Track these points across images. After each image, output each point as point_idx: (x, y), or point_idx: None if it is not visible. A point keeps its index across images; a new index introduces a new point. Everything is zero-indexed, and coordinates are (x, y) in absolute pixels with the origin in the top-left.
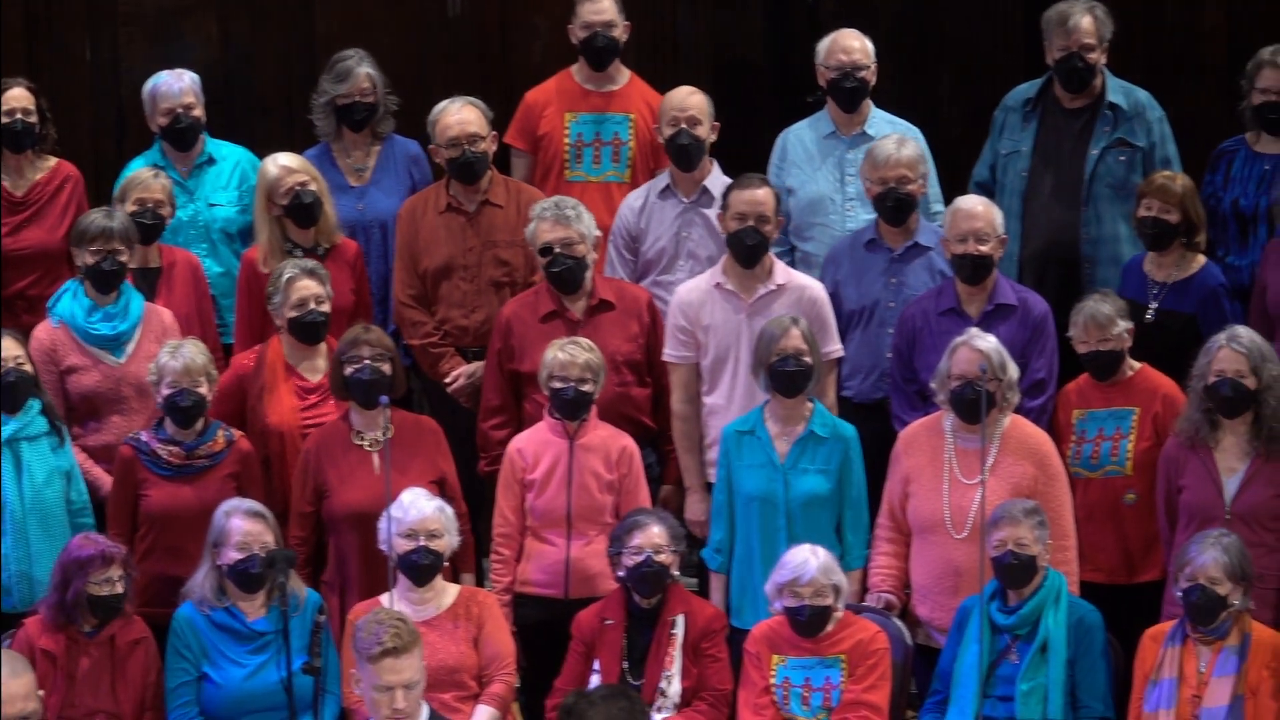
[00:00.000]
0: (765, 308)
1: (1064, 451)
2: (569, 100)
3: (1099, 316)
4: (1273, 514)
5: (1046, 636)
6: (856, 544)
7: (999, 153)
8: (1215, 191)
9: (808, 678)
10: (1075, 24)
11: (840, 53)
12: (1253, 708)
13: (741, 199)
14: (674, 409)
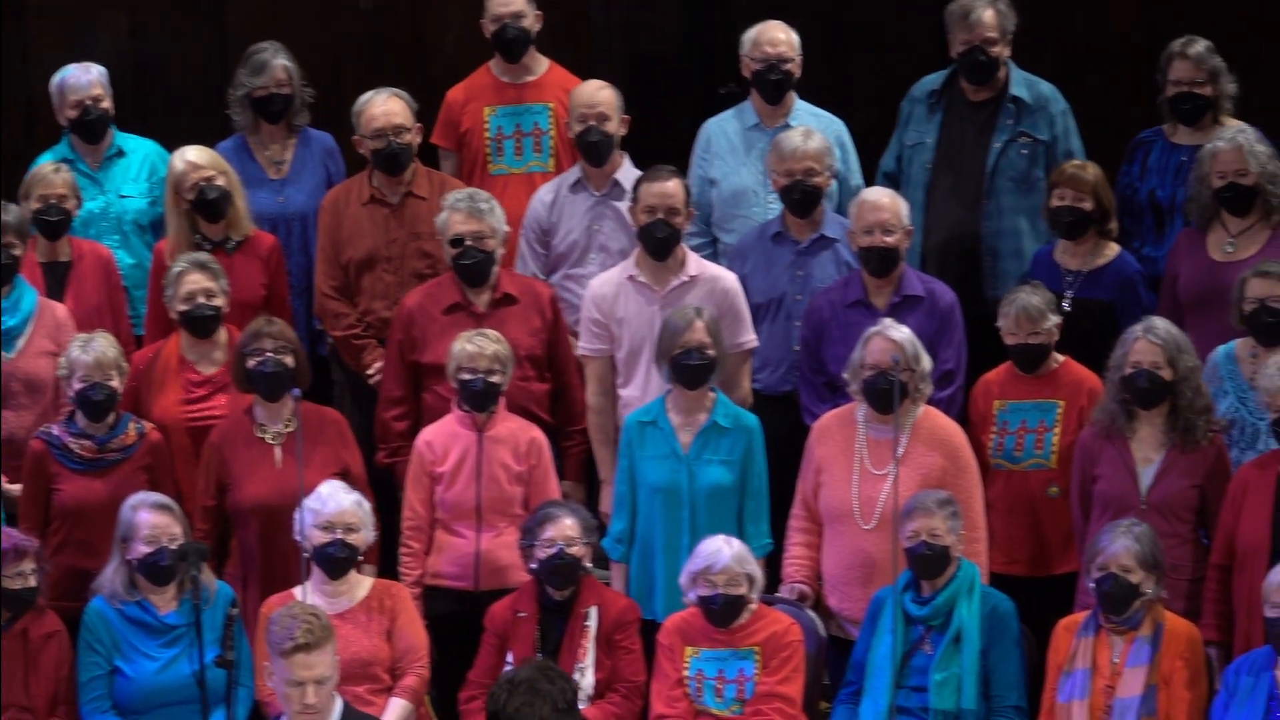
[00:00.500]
0: (678, 299)
1: (984, 442)
2: (487, 94)
3: (1031, 309)
4: (1187, 505)
5: (960, 627)
6: (758, 534)
7: (904, 144)
8: (1132, 182)
9: (721, 670)
10: (977, 18)
11: (766, 45)
12: (1165, 697)
13: (651, 192)
14: (589, 402)
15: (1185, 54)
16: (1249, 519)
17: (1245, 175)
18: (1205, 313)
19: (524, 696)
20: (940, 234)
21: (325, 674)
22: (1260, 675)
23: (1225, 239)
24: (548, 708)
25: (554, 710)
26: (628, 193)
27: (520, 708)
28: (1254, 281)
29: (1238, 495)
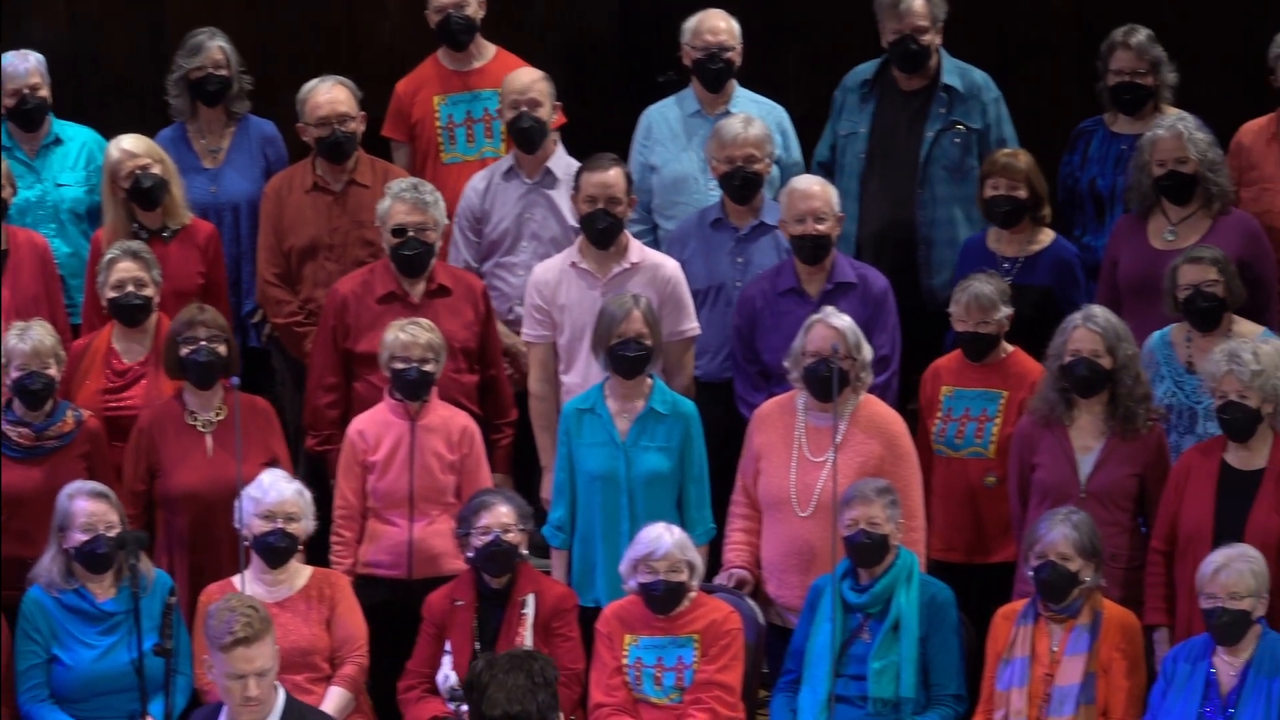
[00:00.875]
0: (620, 286)
1: (929, 427)
2: (436, 84)
3: (983, 298)
4: (1127, 493)
5: (898, 615)
6: (701, 521)
7: (838, 134)
8: (1073, 171)
9: (660, 657)
10: (907, 6)
11: (707, 33)
12: (1104, 685)
13: (591, 181)
14: (531, 389)
15: (1127, 43)
16: (1191, 505)
17: (1185, 163)
18: (1145, 300)
19: (502, 666)
20: (875, 223)
21: (266, 666)
22: (1197, 663)
23: (1166, 227)
24: (523, 677)
25: (529, 681)
26: (560, 180)
27: (497, 674)
28: (1186, 268)
29: (1180, 481)
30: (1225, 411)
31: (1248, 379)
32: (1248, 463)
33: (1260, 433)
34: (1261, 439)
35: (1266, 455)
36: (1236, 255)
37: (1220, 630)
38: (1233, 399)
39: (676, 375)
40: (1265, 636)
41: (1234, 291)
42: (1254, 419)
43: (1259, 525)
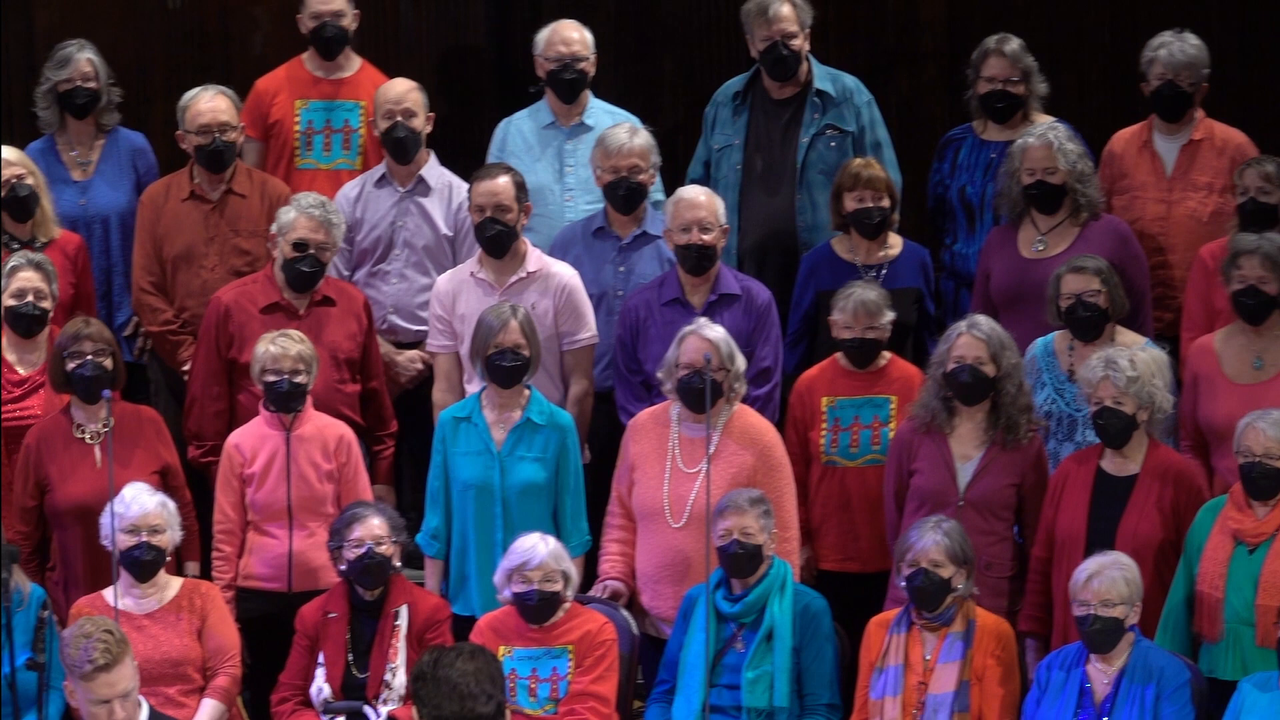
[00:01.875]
0: (519, 294)
1: (814, 438)
2: (299, 87)
3: (869, 304)
4: (1005, 503)
5: (772, 625)
6: (577, 531)
7: (712, 148)
8: (942, 180)
9: (535, 668)
10: (775, 12)
11: (560, 44)
12: (978, 693)
13: (480, 190)
14: (435, 399)
15: (1001, 51)
16: (1066, 511)
17: (1054, 173)
18: (1018, 310)
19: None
20: (755, 233)
21: (128, 687)
22: (1071, 671)
23: (1035, 236)
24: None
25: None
26: (432, 189)
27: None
28: (1068, 277)
29: (1058, 488)
30: (1101, 417)
31: (1124, 385)
32: (1122, 469)
33: (1135, 439)
34: (1136, 446)
35: (1140, 462)
36: (1107, 260)
37: (1092, 638)
38: (1108, 405)
39: (577, 382)
40: (1138, 644)
41: (1116, 301)
42: (1129, 425)
43: (1130, 531)
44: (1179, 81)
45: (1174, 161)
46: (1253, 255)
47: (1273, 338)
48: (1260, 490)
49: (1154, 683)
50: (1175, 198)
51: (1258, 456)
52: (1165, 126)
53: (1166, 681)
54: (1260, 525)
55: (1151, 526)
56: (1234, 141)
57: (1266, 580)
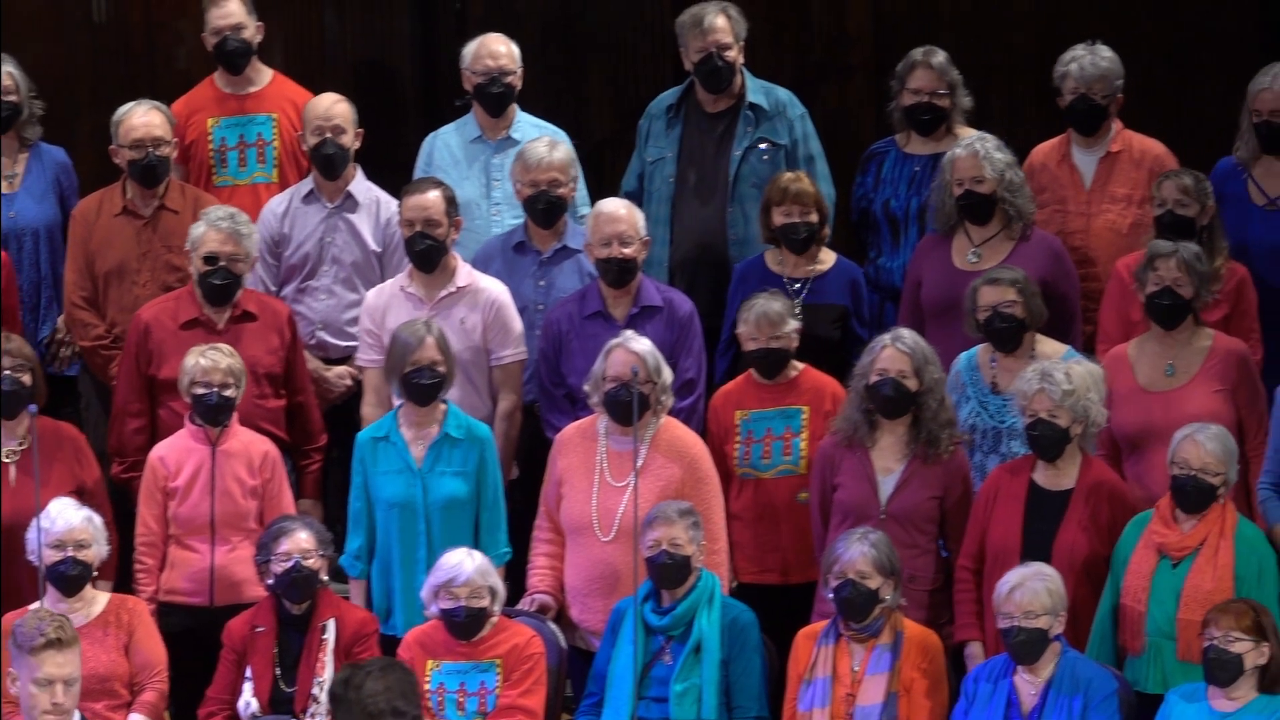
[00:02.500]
0: (448, 309)
1: (730, 452)
2: (211, 106)
3: (771, 314)
4: (927, 516)
5: (700, 637)
6: (494, 545)
7: (646, 160)
8: (866, 193)
9: (463, 683)
10: (710, 24)
11: (487, 58)
12: (906, 705)
13: (410, 205)
14: (364, 413)
15: (928, 63)
16: (999, 524)
17: (982, 183)
18: (948, 321)
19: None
20: (687, 246)
21: (74, 675)
22: (999, 682)
23: (969, 248)
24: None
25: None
26: (360, 205)
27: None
28: (985, 289)
29: (989, 499)
30: (1035, 429)
31: (1059, 398)
32: (1055, 483)
33: (1069, 453)
34: (1070, 459)
35: (1075, 476)
36: (1040, 275)
37: (1017, 649)
38: (1043, 417)
39: (506, 398)
40: (1065, 655)
41: (1033, 312)
42: (1063, 438)
43: (1066, 546)
44: (1092, 94)
45: (1093, 174)
46: (1169, 258)
47: (1184, 345)
48: (1190, 504)
49: (1081, 693)
50: (1095, 210)
51: (1194, 470)
52: (1082, 140)
53: (1094, 692)
54: (1184, 539)
55: (1087, 542)
56: (1152, 153)
57: (1188, 595)
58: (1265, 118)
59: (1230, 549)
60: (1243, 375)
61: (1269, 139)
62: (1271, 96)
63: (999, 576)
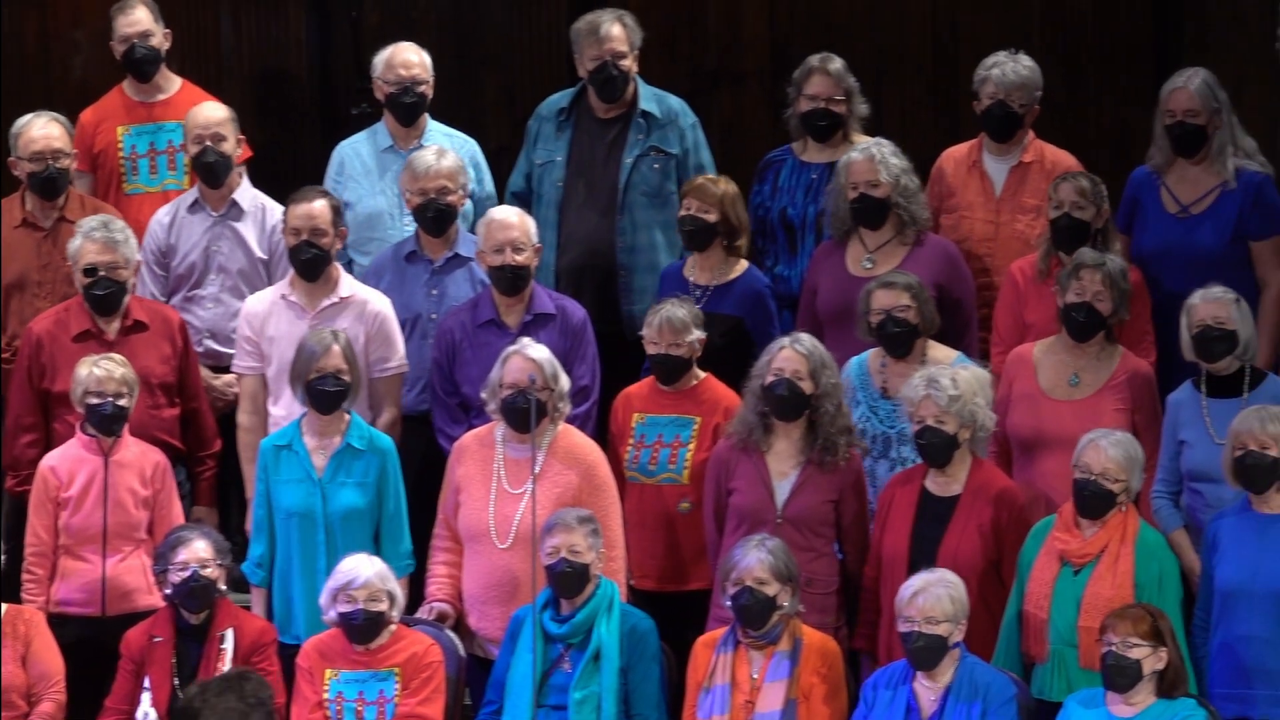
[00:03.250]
0: (330, 320)
1: (622, 454)
2: (120, 114)
3: (675, 321)
4: (823, 520)
5: (599, 645)
6: (397, 556)
7: (534, 163)
8: (763, 201)
9: (361, 691)
10: (606, 32)
11: (400, 67)
12: (805, 712)
13: (296, 214)
14: (240, 420)
15: (825, 70)
16: (891, 532)
17: (877, 187)
18: (844, 327)
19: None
20: (574, 251)
21: None
22: (898, 688)
23: (864, 254)
24: (234, 699)
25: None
26: (246, 212)
27: (209, 698)
28: (879, 293)
29: (884, 508)
30: (922, 436)
31: (945, 404)
32: (945, 489)
33: (957, 458)
34: (959, 465)
35: (963, 481)
36: (935, 281)
37: (916, 654)
38: (930, 424)
39: (385, 411)
40: (964, 661)
41: (927, 317)
42: (951, 444)
43: (950, 552)
44: (1010, 102)
45: (1003, 182)
46: (1095, 271)
47: (1092, 357)
48: (1091, 508)
49: (980, 699)
50: (1003, 219)
51: (1094, 475)
52: (995, 147)
53: (992, 698)
54: (1085, 546)
55: (971, 547)
56: (1063, 164)
57: (1089, 602)
58: (1179, 119)
59: (1131, 556)
60: (1145, 397)
61: (1182, 141)
62: (1185, 97)
63: (891, 584)
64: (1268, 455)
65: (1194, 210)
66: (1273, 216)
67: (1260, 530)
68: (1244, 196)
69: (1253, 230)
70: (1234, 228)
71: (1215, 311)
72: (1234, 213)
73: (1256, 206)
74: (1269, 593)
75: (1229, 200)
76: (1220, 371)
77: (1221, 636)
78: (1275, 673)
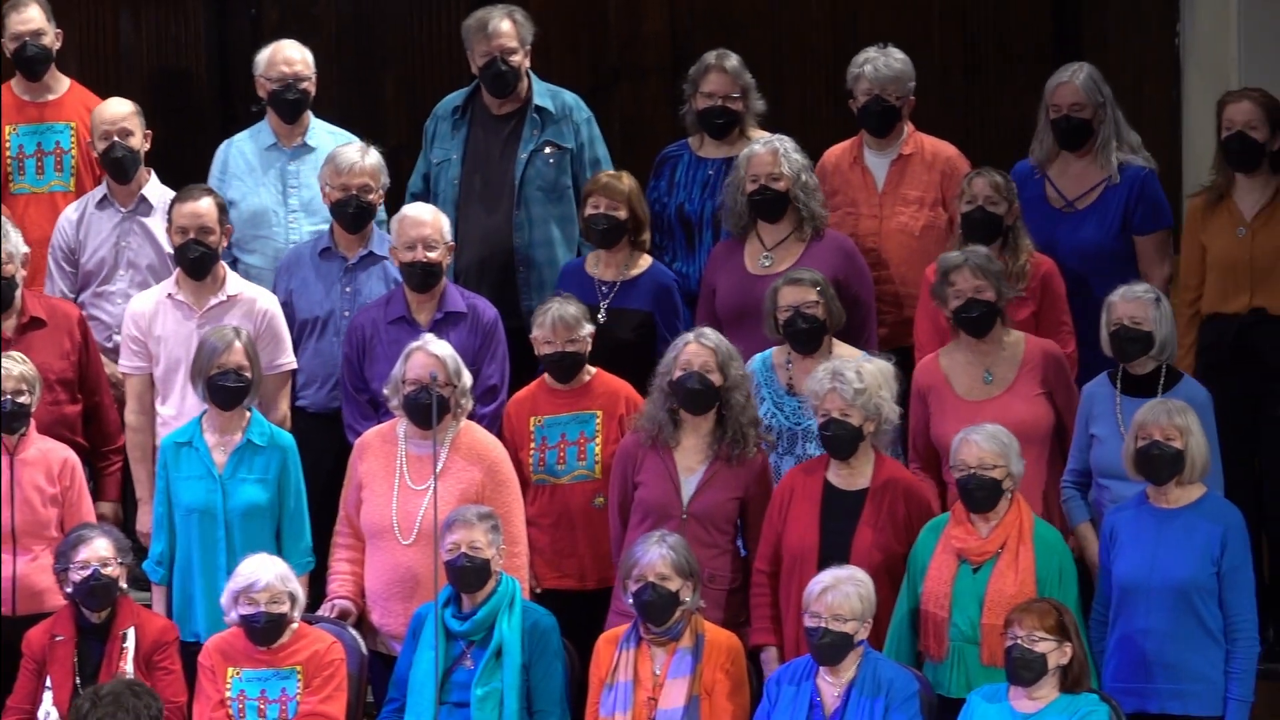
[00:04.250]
0: (217, 319)
1: (524, 459)
2: (10, 113)
3: (566, 317)
4: (727, 516)
5: (501, 642)
6: (298, 553)
7: (432, 163)
8: (660, 197)
9: (264, 689)
10: (495, 28)
11: (282, 64)
12: (708, 708)
13: (182, 212)
14: (128, 420)
15: (721, 66)
16: (795, 525)
17: (778, 180)
18: (744, 325)
19: (106, 708)
20: (473, 249)
21: None
22: (801, 684)
23: (761, 251)
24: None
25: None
26: (155, 208)
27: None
28: (786, 289)
29: (784, 501)
30: (828, 429)
31: (850, 397)
32: (850, 482)
33: (862, 451)
34: (864, 458)
35: (869, 475)
36: (834, 277)
37: (821, 650)
38: (835, 417)
39: (272, 410)
40: (867, 657)
41: (834, 313)
42: (856, 437)
43: (864, 546)
44: (886, 96)
45: (885, 176)
46: (962, 268)
47: (997, 350)
48: (977, 502)
49: (883, 695)
50: (887, 212)
51: (972, 469)
52: (875, 142)
53: (895, 693)
54: (984, 544)
55: (884, 541)
56: (944, 155)
57: (991, 599)
58: (1064, 113)
59: (1030, 552)
60: (1059, 377)
61: (1067, 135)
62: (1070, 91)
63: (797, 579)
64: (1171, 447)
65: (1078, 205)
66: (1157, 211)
67: (1158, 524)
68: (1129, 191)
69: (1137, 225)
70: (1119, 222)
71: (1133, 311)
72: (1119, 207)
73: (1141, 201)
74: (1167, 587)
75: (1114, 195)
76: (1136, 371)
77: (1120, 630)
78: (1174, 666)
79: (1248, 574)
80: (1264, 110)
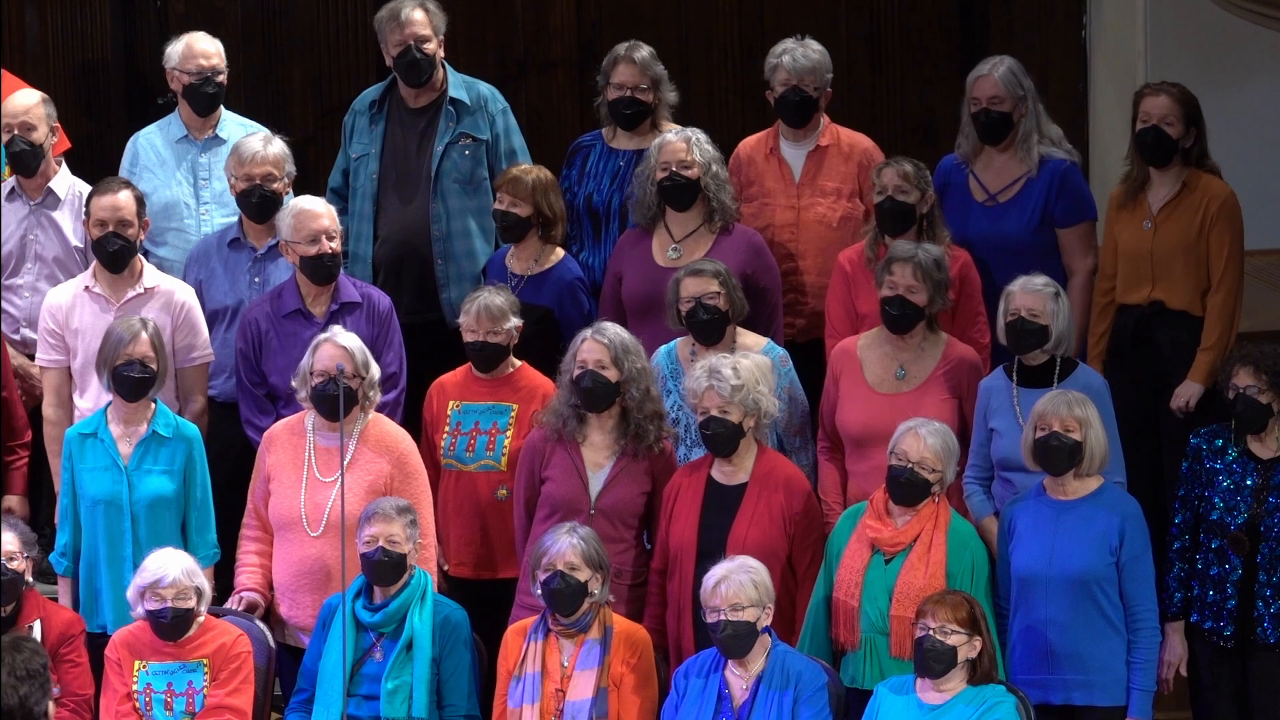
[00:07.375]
0: (134, 311)
1: (438, 441)
2: None
3: (492, 308)
4: (633, 511)
5: (412, 635)
6: (204, 544)
7: (350, 157)
8: (571, 187)
9: (170, 683)
10: (407, 17)
11: (199, 57)
12: (616, 700)
13: (101, 205)
14: (45, 414)
15: (631, 58)
16: (679, 522)
17: (689, 168)
18: (650, 317)
19: None
20: (392, 242)
21: None
22: (709, 677)
23: (670, 243)
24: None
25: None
26: (63, 201)
27: None
28: (687, 281)
29: (671, 499)
30: (707, 427)
31: (728, 394)
32: (732, 478)
33: (744, 447)
34: (745, 454)
35: (749, 469)
36: (741, 270)
37: (726, 643)
38: (714, 414)
39: (190, 401)
40: (775, 648)
41: (736, 304)
42: (736, 433)
43: (739, 539)
44: (804, 86)
45: (801, 168)
46: (906, 264)
47: (916, 348)
48: (903, 496)
49: (792, 687)
50: (804, 204)
51: (911, 463)
52: (791, 133)
53: (804, 685)
54: (897, 535)
55: (761, 534)
56: (860, 146)
57: (901, 591)
58: (984, 106)
59: (943, 545)
60: (971, 386)
61: (987, 128)
62: (989, 85)
63: (679, 575)
64: (1070, 438)
65: (1001, 198)
66: (1079, 204)
67: (1055, 516)
68: (1050, 184)
69: (1059, 217)
70: (1041, 215)
71: (1030, 304)
72: (1041, 200)
73: (1063, 194)
74: (1065, 578)
75: (1035, 188)
76: (1030, 362)
77: (1022, 622)
78: (1078, 656)
79: (1147, 564)
80: (1181, 106)
